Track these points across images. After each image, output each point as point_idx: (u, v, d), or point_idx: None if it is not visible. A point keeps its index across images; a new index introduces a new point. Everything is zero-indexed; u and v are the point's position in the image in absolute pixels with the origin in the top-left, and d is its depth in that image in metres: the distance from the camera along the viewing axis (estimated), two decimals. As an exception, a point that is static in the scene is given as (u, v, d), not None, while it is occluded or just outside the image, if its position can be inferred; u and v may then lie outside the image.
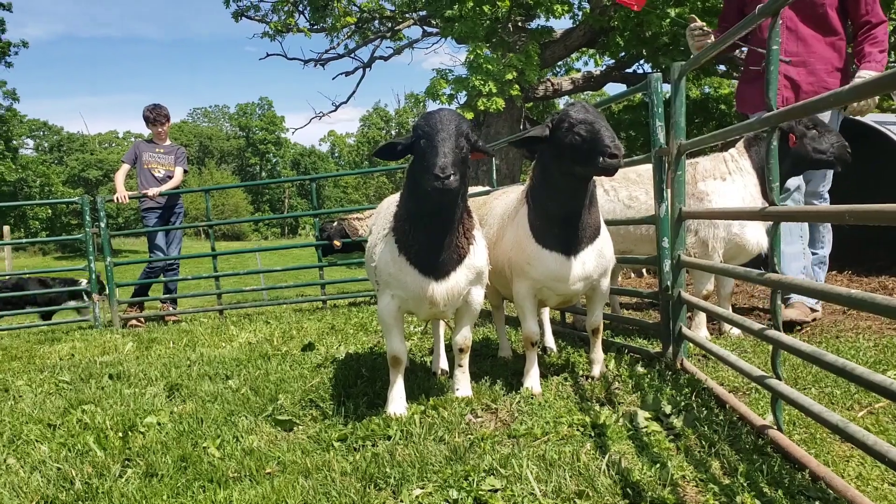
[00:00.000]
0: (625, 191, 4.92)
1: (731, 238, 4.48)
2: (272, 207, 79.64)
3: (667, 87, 4.28)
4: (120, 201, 8.11)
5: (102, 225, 7.99)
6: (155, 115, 8.45)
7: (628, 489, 2.35)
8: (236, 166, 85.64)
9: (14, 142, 31.46)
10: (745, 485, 2.30)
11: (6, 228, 18.59)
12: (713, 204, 4.46)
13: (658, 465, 2.50)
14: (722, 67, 14.32)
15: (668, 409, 3.07)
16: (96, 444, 3.29)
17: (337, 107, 18.28)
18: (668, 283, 3.84)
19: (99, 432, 3.45)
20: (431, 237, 3.20)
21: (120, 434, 3.43)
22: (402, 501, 2.47)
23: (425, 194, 3.04)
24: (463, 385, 3.61)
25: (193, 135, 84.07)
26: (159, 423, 3.59)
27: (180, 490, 2.71)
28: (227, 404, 3.85)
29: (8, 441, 3.50)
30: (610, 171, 3.23)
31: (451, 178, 2.87)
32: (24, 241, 28.27)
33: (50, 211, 34.50)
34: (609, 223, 4.07)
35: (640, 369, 3.79)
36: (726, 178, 4.53)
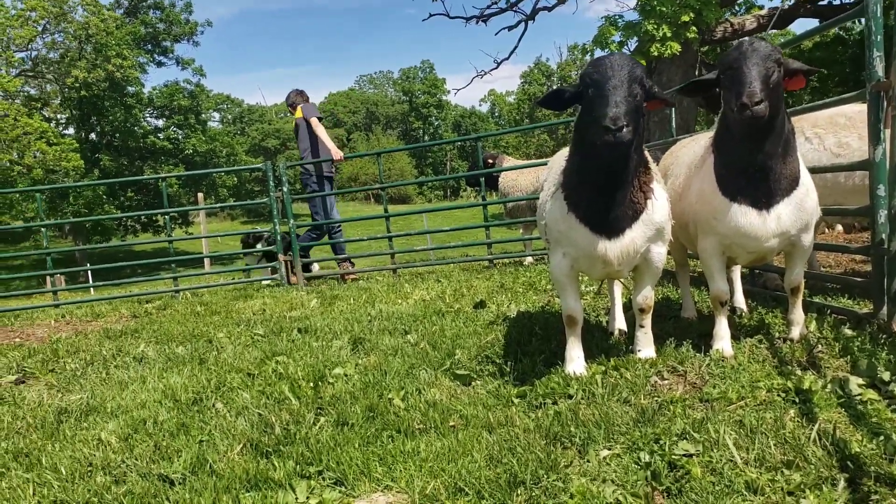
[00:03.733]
0: (832, 138, 4.39)
1: None
2: (435, 170, 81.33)
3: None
4: (337, 160, 8.36)
5: (285, 189, 8.46)
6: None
7: (847, 462, 2.13)
8: (401, 131, 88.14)
9: (203, 115, 34.48)
10: None
11: (199, 195, 20.40)
12: None
13: (881, 438, 2.24)
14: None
15: (886, 375, 2.75)
16: (291, 393, 3.52)
17: (499, 63, 18.11)
18: (884, 235, 3.41)
19: (292, 382, 3.68)
20: (601, 193, 3.04)
21: (311, 384, 3.64)
22: (589, 461, 2.40)
23: (593, 148, 2.89)
24: (645, 346, 3.46)
25: (360, 101, 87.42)
26: (346, 375, 3.77)
27: (370, 439, 2.82)
28: (407, 358, 3.96)
29: (215, 387, 3.82)
30: (743, 124, 2.99)
31: (624, 129, 2.69)
32: (216, 206, 31.02)
33: (236, 179, 37.52)
34: (812, 171, 3.67)
35: (847, 331, 3.43)
36: None
